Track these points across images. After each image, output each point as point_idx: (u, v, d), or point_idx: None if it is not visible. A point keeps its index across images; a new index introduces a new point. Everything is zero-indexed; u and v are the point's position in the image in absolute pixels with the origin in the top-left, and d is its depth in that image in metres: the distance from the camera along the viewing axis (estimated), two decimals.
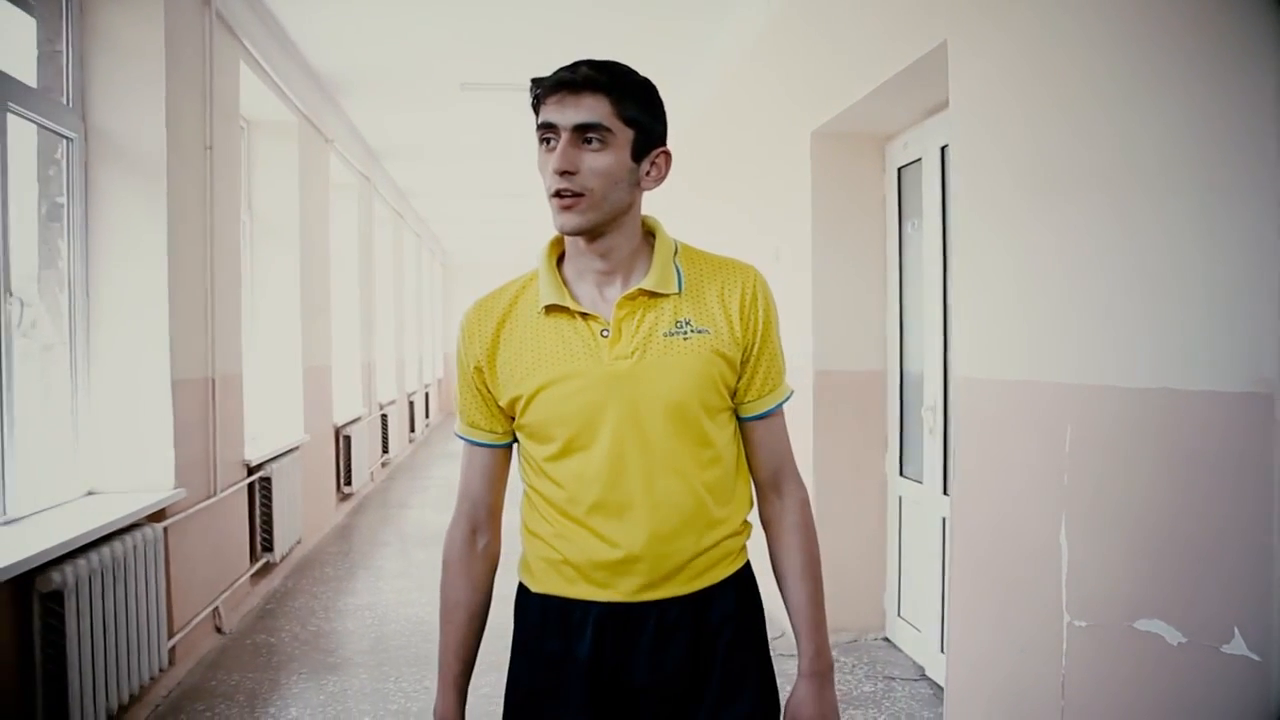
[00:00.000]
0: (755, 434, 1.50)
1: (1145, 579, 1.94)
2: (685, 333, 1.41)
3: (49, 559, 2.79)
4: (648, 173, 1.42)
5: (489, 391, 1.49)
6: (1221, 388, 1.72)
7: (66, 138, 3.71)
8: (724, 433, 1.46)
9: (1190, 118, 1.81)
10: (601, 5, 4.92)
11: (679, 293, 1.43)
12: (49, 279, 3.76)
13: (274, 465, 5.20)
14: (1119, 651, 2.01)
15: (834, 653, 1.40)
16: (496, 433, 1.52)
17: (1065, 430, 2.21)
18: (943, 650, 3.41)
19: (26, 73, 3.60)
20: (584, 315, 1.42)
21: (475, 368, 1.48)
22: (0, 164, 3.11)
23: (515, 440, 1.52)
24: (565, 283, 1.45)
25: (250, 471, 4.96)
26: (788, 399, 1.51)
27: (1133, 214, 1.98)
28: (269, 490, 5.16)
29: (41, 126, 3.57)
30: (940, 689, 3.47)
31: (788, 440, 1.53)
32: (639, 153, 1.39)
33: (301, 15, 5.20)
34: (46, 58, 3.73)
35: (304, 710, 3.51)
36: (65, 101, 3.71)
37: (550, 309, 1.44)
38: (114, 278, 3.80)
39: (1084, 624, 2.14)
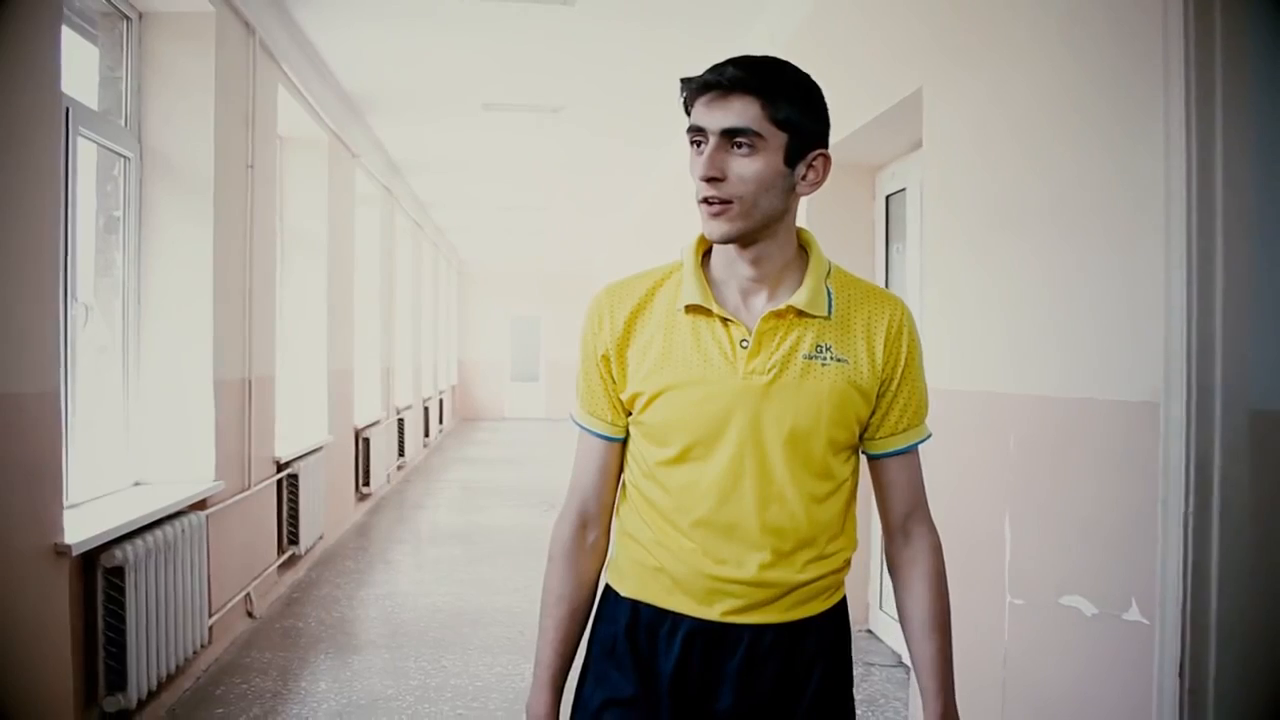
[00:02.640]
0: (887, 473, 1.44)
1: (1068, 561, 2.26)
2: (824, 359, 1.35)
3: (111, 538, 3.13)
4: (804, 177, 1.33)
5: (613, 381, 1.43)
6: (1126, 398, 2.03)
7: (124, 156, 4.06)
8: (845, 467, 1.40)
9: (1101, 170, 2.14)
10: (620, 31, 5.24)
11: (828, 316, 1.37)
12: (104, 286, 4.11)
13: (301, 463, 5.54)
14: (1047, 624, 2.33)
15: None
16: (617, 425, 1.45)
17: (1009, 435, 2.53)
18: None
19: (89, 96, 3.96)
20: (725, 321, 1.36)
21: (603, 355, 1.42)
22: (71, 182, 3.45)
23: None
24: (710, 283, 1.40)
25: (280, 468, 5.29)
26: (925, 439, 1.45)
27: (1060, 250, 2.31)
28: (296, 486, 5.50)
29: (102, 146, 3.92)
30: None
31: (922, 482, 1.47)
32: (793, 156, 1.31)
33: (334, 38, 5.54)
34: (107, 83, 4.09)
35: (332, 685, 3.85)
36: (124, 123, 4.07)
37: (690, 308, 1.38)
38: (163, 285, 4.15)
39: (1021, 602, 2.46)
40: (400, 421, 10.00)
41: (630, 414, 1.43)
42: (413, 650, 4.29)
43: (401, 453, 10.05)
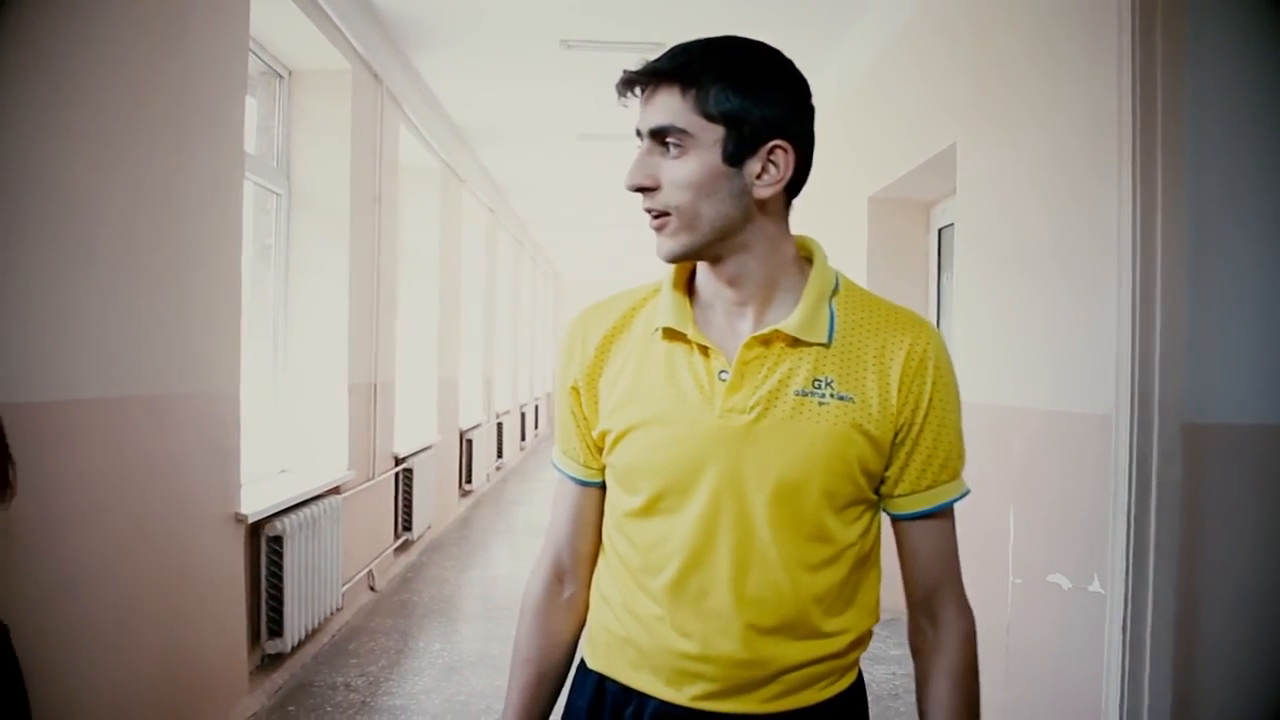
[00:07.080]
0: (908, 538, 1.21)
1: (1054, 545, 2.73)
2: (822, 395, 1.12)
3: (272, 512, 3.82)
4: (759, 175, 1.11)
5: (584, 417, 1.24)
6: (1089, 411, 2.51)
7: (276, 193, 4.79)
8: (852, 529, 1.17)
9: (1073, 225, 2.62)
10: None
11: (827, 344, 1.14)
12: (258, 304, 4.85)
13: (415, 459, 6.24)
14: (1037, 599, 2.80)
15: (877, 629, 1.27)
16: (591, 468, 1.27)
17: (1014, 441, 3.01)
18: None
19: (249, 143, 4.69)
20: (703, 348, 1.15)
21: (572, 387, 1.24)
22: (242, 218, 4.16)
23: None
24: (696, 305, 1.19)
25: (397, 462, 6.00)
26: (960, 497, 1.23)
27: (1047, 285, 2.79)
28: (410, 479, 6.20)
29: (259, 185, 4.66)
30: None
31: (954, 552, 1.24)
32: (736, 153, 1.09)
33: (446, 79, 6.20)
34: (263, 131, 4.83)
35: (445, 644, 4.50)
36: (275, 164, 4.80)
37: (667, 332, 1.17)
38: (307, 303, 4.86)
39: (1020, 581, 2.93)
40: (499, 425, 10.72)
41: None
42: (511, 622, 4.81)
43: (500, 454, 10.77)
